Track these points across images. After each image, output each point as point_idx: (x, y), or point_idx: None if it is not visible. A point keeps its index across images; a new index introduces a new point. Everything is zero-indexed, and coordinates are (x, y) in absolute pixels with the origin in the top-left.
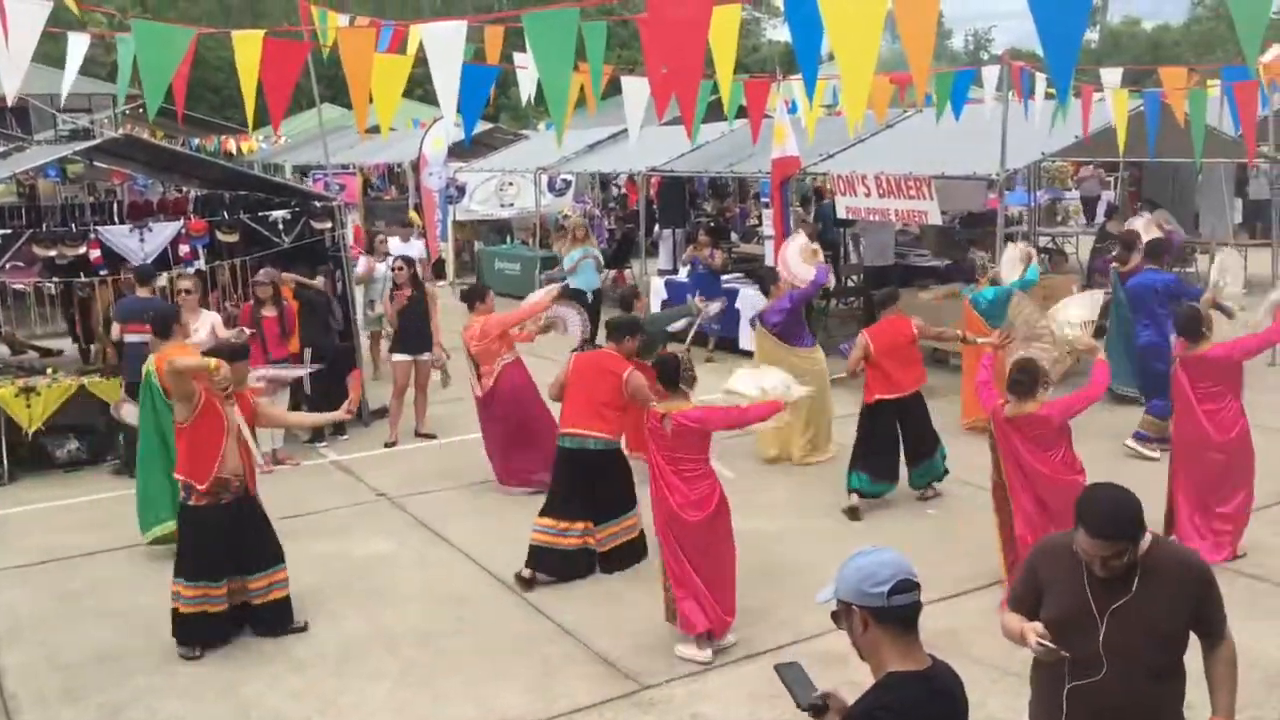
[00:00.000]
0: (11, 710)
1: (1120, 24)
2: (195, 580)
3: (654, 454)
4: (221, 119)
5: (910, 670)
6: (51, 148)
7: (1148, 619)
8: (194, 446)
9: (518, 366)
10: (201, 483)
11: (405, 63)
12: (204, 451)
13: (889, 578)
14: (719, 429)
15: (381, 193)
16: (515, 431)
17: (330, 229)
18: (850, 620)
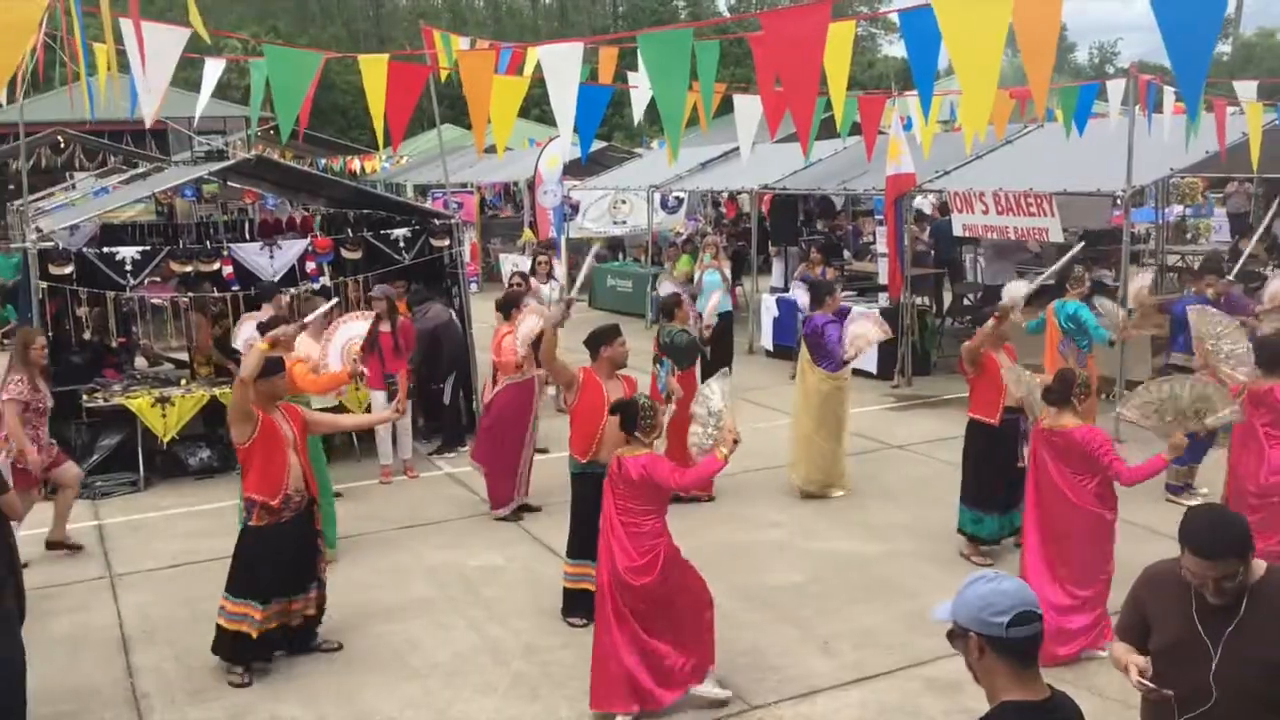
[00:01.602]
0: (144, 710)
1: (1254, 35)
2: (244, 598)
3: (607, 502)
4: (347, 140)
5: (1026, 700)
6: (188, 168)
7: (1262, 647)
8: (261, 465)
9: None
10: (274, 499)
11: (522, 83)
12: (271, 470)
13: (1009, 608)
14: (664, 485)
15: (497, 210)
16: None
17: (449, 246)
18: (966, 645)
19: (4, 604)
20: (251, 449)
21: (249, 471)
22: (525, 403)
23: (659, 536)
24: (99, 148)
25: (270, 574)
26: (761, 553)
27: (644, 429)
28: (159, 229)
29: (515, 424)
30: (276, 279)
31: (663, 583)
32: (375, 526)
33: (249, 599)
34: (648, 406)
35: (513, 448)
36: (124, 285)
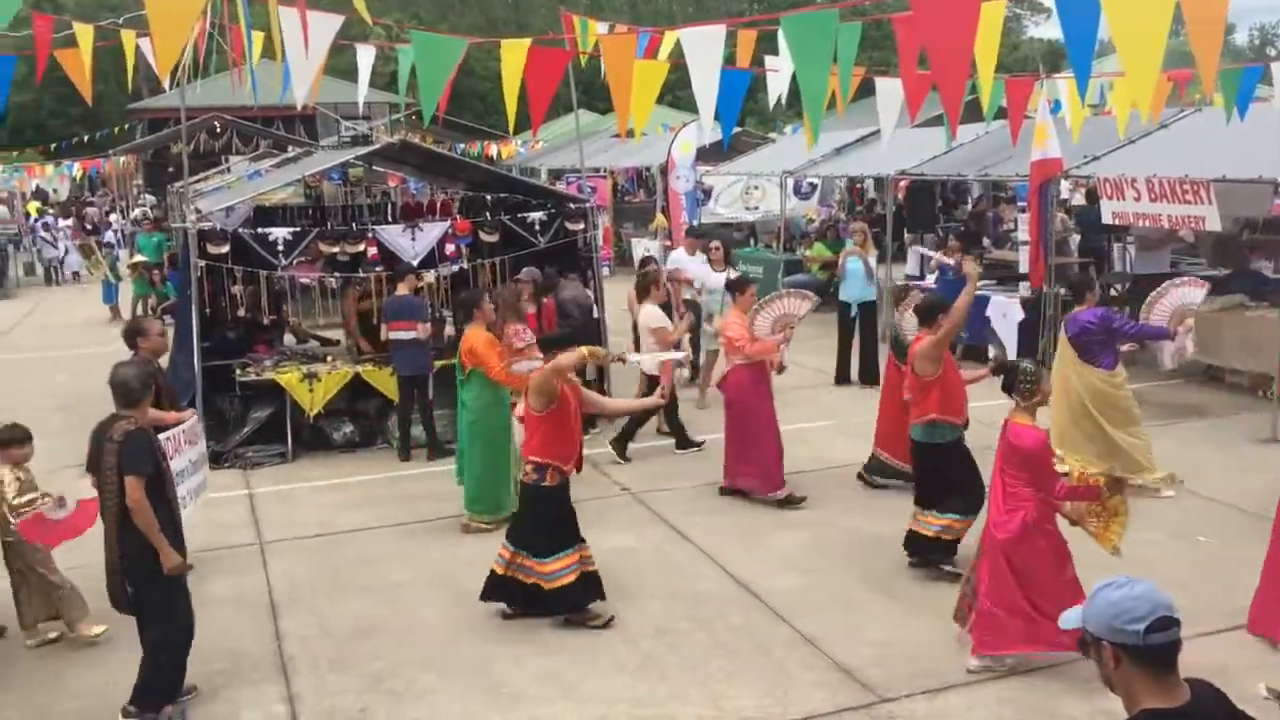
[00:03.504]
0: (290, 673)
1: None
2: (552, 555)
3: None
4: (484, 125)
5: (1167, 708)
6: (336, 152)
7: None
8: (555, 432)
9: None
10: (566, 463)
11: (662, 68)
12: (564, 436)
13: (1146, 614)
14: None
15: (630, 195)
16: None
17: (583, 230)
18: (1099, 654)
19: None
20: (547, 417)
21: (537, 437)
22: (762, 383)
23: (1026, 502)
24: (252, 132)
25: (571, 525)
26: (892, 543)
27: (1023, 393)
28: (307, 211)
29: (758, 407)
30: (417, 260)
31: (1016, 543)
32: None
33: (565, 551)
34: (1029, 371)
35: (764, 432)
36: (276, 265)
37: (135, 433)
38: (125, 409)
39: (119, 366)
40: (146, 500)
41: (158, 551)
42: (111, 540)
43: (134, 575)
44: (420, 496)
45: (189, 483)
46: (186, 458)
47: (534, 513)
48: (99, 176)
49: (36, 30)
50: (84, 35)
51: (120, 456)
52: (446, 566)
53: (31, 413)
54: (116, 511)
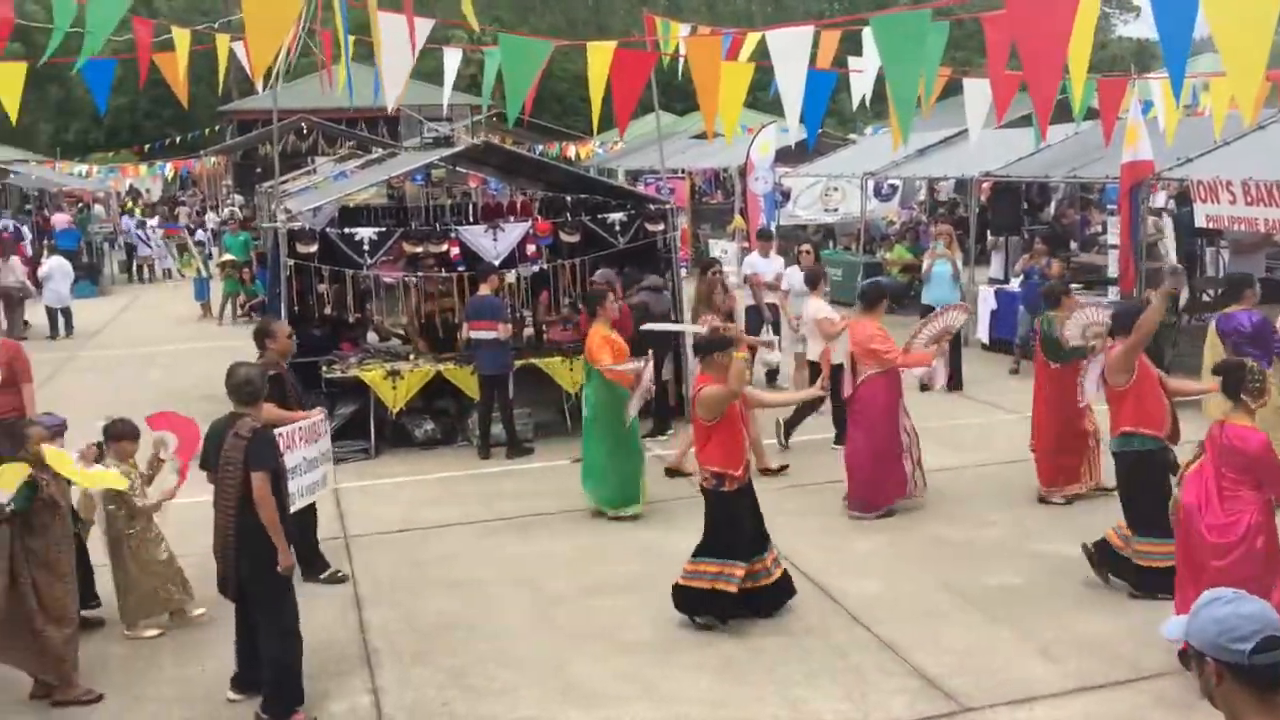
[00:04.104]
0: (374, 665)
1: None
2: (722, 558)
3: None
4: (563, 126)
5: None
6: (420, 154)
7: None
8: (726, 440)
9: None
10: (738, 469)
11: (747, 69)
12: (734, 444)
13: (1252, 633)
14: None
15: (708, 197)
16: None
17: (663, 231)
18: (1203, 670)
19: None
20: (717, 426)
21: (710, 445)
22: (895, 394)
23: (1250, 507)
24: (338, 134)
25: (746, 533)
26: (976, 551)
27: (1252, 393)
28: (391, 211)
29: (886, 417)
30: (499, 261)
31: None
32: (587, 504)
33: (730, 559)
34: (1256, 371)
35: (889, 443)
36: (361, 264)
37: (262, 430)
38: (245, 407)
39: (239, 366)
40: (272, 495)
41: (273, 547)
42: (225, 533)
43: (247, 570)
44: (500, 494)
45: (302, 479)
46: (300, 454)
47: (714, 516)
48: (190, 176)
49: (137, 35)
50: (181, 40)
51: (248, 452)
52: (526, 564)
53: (126, 408)
54: (235, 505)
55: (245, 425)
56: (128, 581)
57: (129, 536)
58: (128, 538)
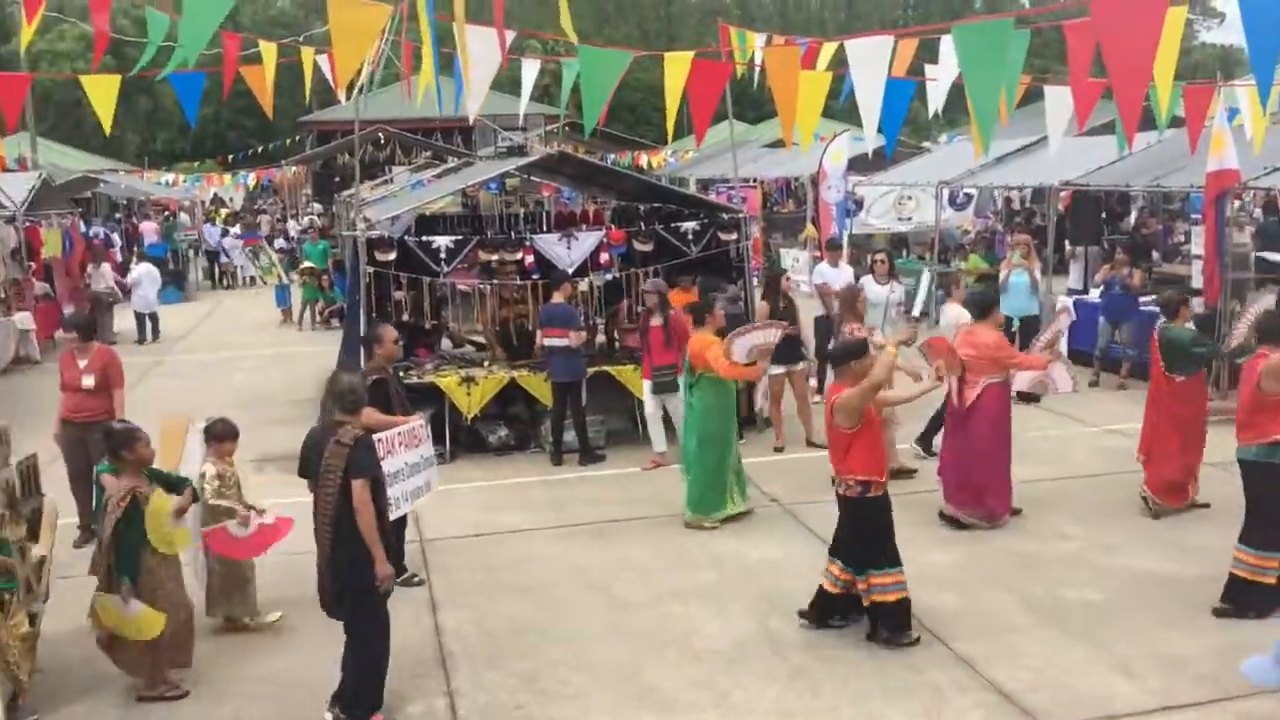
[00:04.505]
0: (449, 668)
1: None
2: (880, 569)
3: None
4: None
5: None
6: (496, 163)
7: None
8: (868, 446)
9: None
10: (882, 475)
11: (825, 78)
12: (876, 450)
13: None
14: None
15: (780, 205)
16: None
17: (736, 240)
18: None
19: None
20: (859, 433)
21: (852, 452)
22: (1009, 401)
23: None
24: (414, 143)
25: (893, 537)
26: (1052, 565)
27: None
28: (466, 220)
29: (1007, 425)
30: (573, 269)
31: None
32: (659, 510)
33: (894, 567)
34: None
35: (1008, 451)
36: (438, 272)
37: (363, 437)
38: (346, 415)
39: (342, 374)
40: (371, 503)
41: (370, 556)
42: (324, 541)
43: (344, 576)
44: (573, 500)
45: (404, 485)
46: (402, 460)
47: (862, 527)
48: (271, 185)
49: (225, 49)
50: (268, 53)
51: (349, 459)
52: (599, 570)
53: (213, 410)
54: (334, 513)
55: (347, 433)
56: (212, 580)
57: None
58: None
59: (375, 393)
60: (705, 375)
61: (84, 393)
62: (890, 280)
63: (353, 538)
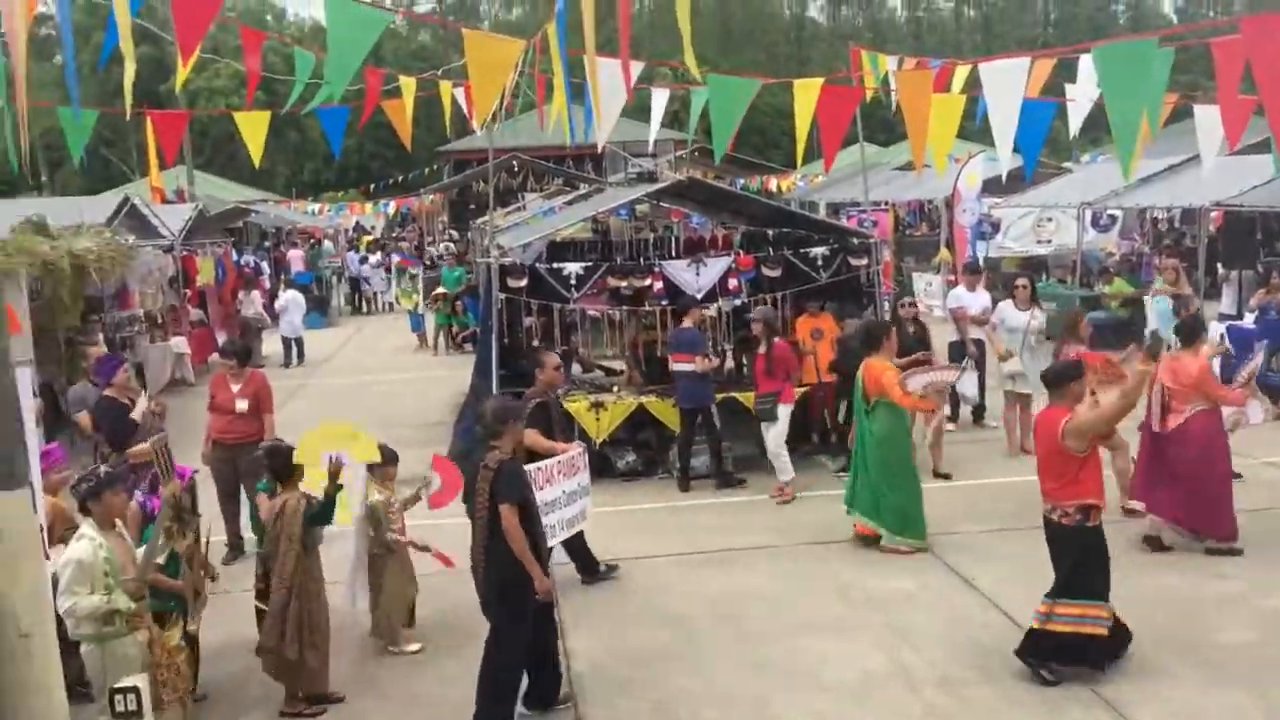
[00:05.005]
0: (577, 690)
1: None
2: (1085, 599)
3: None
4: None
5: None
6: (626, 190)
7: None
8: (1094, 472)
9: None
10: (1103, 499)
11: (959, 100)
12: (1098, 475)
13: None
14: None
15: (912, 229)
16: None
17: (867, 265)
18: None
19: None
20: (1087, 459)
21: (1079, 479)
22: (1217, 428)
23: None
24: (546, 171)
25: (1109, 570)
26: (1208, 604)
27: None
28: (595, 246)
29: (1210, 452)
30: (701, 295)
31: None
32: (786, 540)
33: (1094, 599)
34: None
35: (1222, 477)
36: (568, 298)
37: (508, 462)
38: (492, 439)
39: (490, 400)
40: (519, 527)
41: (523, 575)
42: (478, 562)
43: (496, 596)
44: (701, 528)
45: (562, 513)
46: (560, 488)
47: (1078, 556)
48: (410, 213)
49: (368, 83)
50: (408, 87)
51: (494, 484)
52: (727, 600)
53: None
54: (486, 534)
55: (493, 457)
56: (376, 600)
57: (375, 558)
58: (375, 559)
59: (537, 416)
60: (882, 401)
61: (236, 415)
62: (1031, 306)
63: (503, 559)
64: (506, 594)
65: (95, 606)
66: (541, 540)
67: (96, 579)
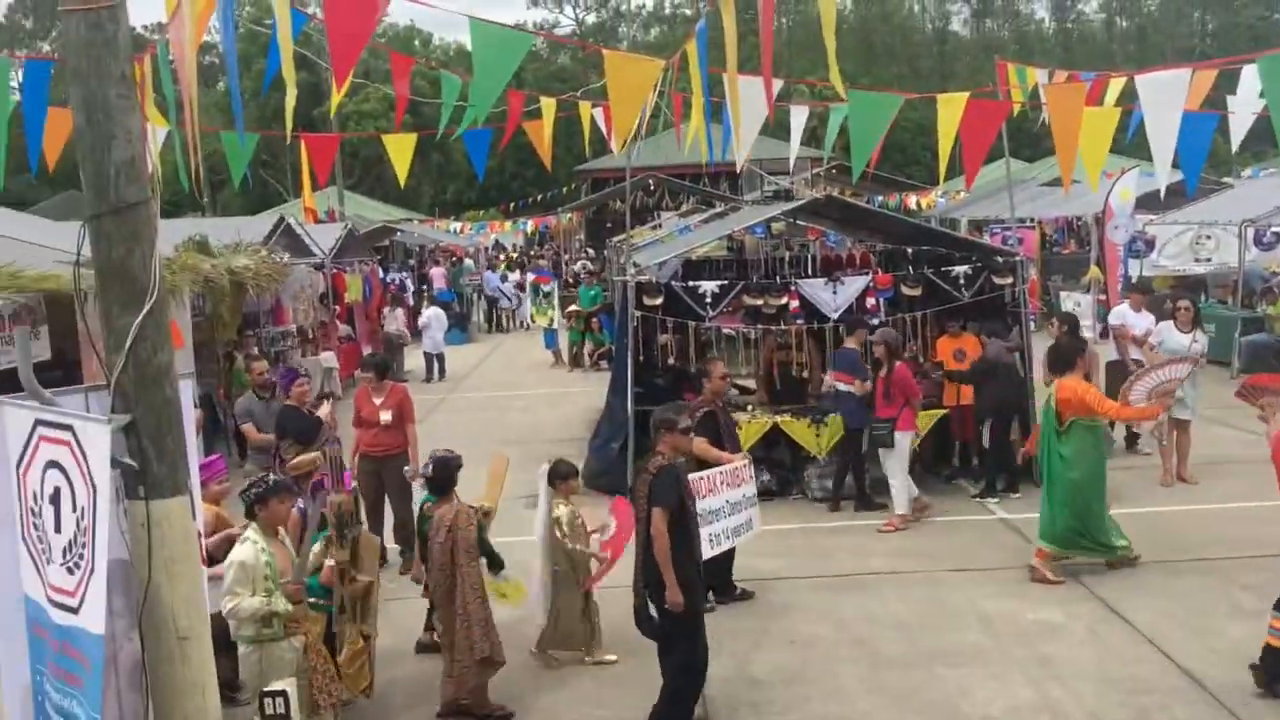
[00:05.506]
0: (710, 712)
1: None
2: None
3: None
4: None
5: None
6: (762, 208)
7: None
8: None
9: None
10: None
11: (1112, 114)
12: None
13: None
14: None
15: (1060, 246)
16: None
17: (1011, 285)
18: None
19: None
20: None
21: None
22: None
23: None
24: (682, 189)
25: None
26: None
27: None
28: (730, 264)
29: None
30: (837, 314)
31: None
32: (924, 565)
33: None
34: None
35: None
36: (703, 316)
37: (667, 467)
38: (658, 444)
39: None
40: (667, 532)
41: (682, 576)
42: (638, 566)
43: (657, 601)
44: (836, 550)
45: (725, 522)
46: (723, 498)
47: None
48: (548, 232)
49: (510, 105)
50: (548, 108)
51: (651, 487)
52: (861, 624)
53: (496, 446)
54: (644, 539)
55: (654, 462)
56: (557, 613)
57: (556, 574)
58: (555, 575)
59: (706, 425)
60: (1078, 421)
61: (381, 428)
62: (1194, 329)
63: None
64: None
65: (256, 608)
66: (696, 547)
67: (258, 581)
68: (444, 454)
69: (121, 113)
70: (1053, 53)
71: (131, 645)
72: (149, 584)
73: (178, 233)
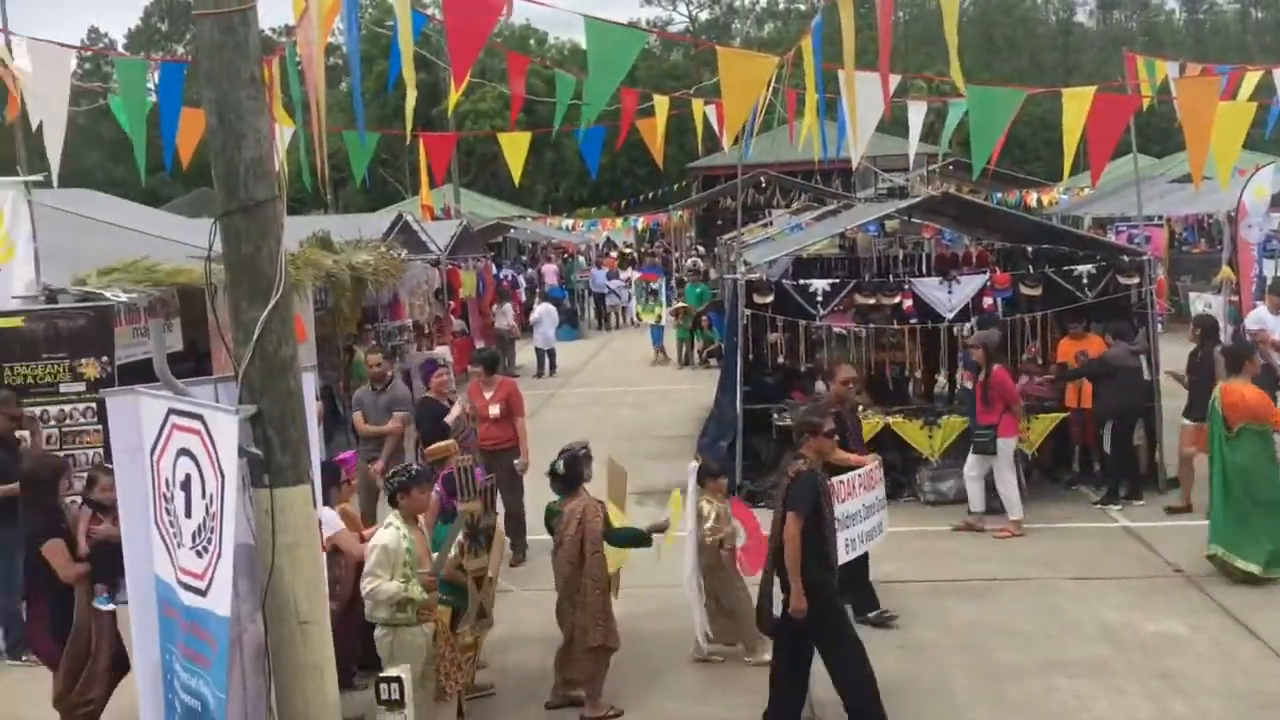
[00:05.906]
0: (820, 716)
1: None
2: None
3: None
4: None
5: None
6: (876, 205)
7: None
8: None
9: None
10: None
11: (1247, 109)
12: None
13: None
14: None
15: (1190, 245)
16: None
17: (1138, 285)
18: None
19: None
20: None
21: None
22: None
23: None
24: (793, 186)
25: None
26: None
27: None
28: (842, 262)
29: None
30: (952, 314)
31: None
32: (1043, 572)
33: None
34: None
35: None
36: (814, 315)
37: (806, 472)
38: (801, 447)
39: (798, 407)
40: (799, 538)
41: (817, 577)
42: (767, 568)
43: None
44: (949, 554)
45: (860, 526)
46: (860, 502)
47: None
48: (659, 229)
49: (623, 103)
50: (661, 105)
51: (788, 490)
52: (976, 630)
53: (609, 442)
54: (777, 540)
55: (794, 466)
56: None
57: (708, 570)
58: (708, 570)
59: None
60: (1248, 427)
61: (491, 422)
62: None
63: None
64: (814, 598)
65: (394, 592)
66: (832, 553)
67: (397, 566)
68: (574, 449)
69: (251, 113)
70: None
71: (255, 627)
72: (272, 568)
73: (301, 229)
